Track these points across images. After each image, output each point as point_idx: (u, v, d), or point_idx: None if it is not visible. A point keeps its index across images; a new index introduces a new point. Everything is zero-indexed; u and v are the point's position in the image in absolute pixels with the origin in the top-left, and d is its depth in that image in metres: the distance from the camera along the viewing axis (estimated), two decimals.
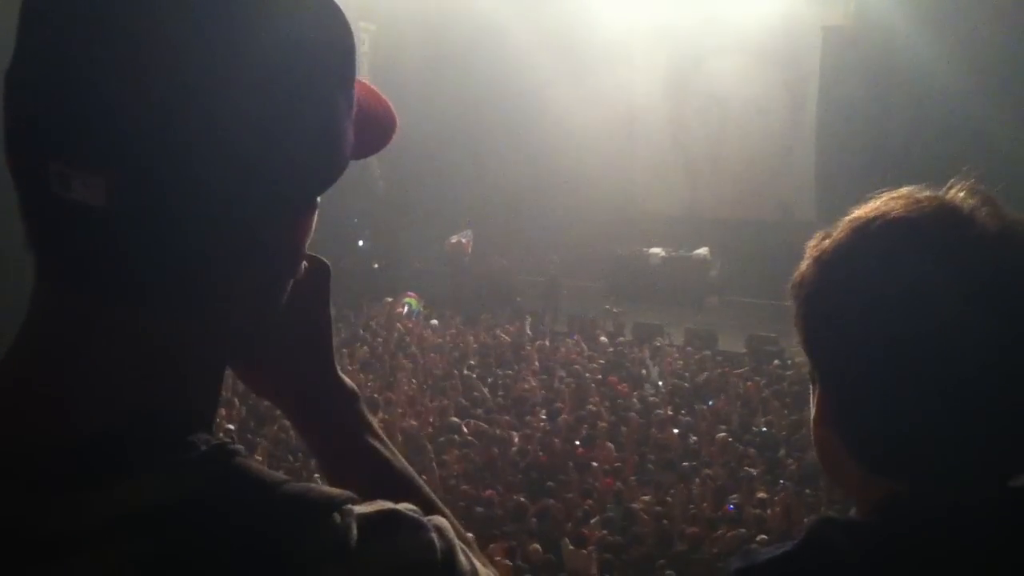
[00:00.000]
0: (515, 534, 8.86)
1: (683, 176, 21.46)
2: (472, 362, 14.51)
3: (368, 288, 18.40)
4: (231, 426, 10.95)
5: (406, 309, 17.48)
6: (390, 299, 17.89)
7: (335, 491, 0.81)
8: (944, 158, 13.87)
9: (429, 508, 1.08)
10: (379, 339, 15.57)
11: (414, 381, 13.48)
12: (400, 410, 11.91)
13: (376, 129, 0.93)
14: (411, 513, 0.85)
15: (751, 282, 18.28)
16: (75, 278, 0.77)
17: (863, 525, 1.08)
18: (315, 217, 0.88)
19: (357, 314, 16.98)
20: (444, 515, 1.10)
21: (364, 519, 0.80)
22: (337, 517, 0.79)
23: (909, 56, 17.78)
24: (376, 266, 20.18)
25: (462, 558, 0.87)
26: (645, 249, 19.77)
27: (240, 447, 0.81)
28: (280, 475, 0.80)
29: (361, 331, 15.96)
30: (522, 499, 9.56)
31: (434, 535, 0.84)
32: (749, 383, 13.47)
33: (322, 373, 1.07)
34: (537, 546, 8.61)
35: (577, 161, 20.21)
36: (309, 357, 1.05)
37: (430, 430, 11.43)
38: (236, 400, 11.91)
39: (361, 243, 20.35)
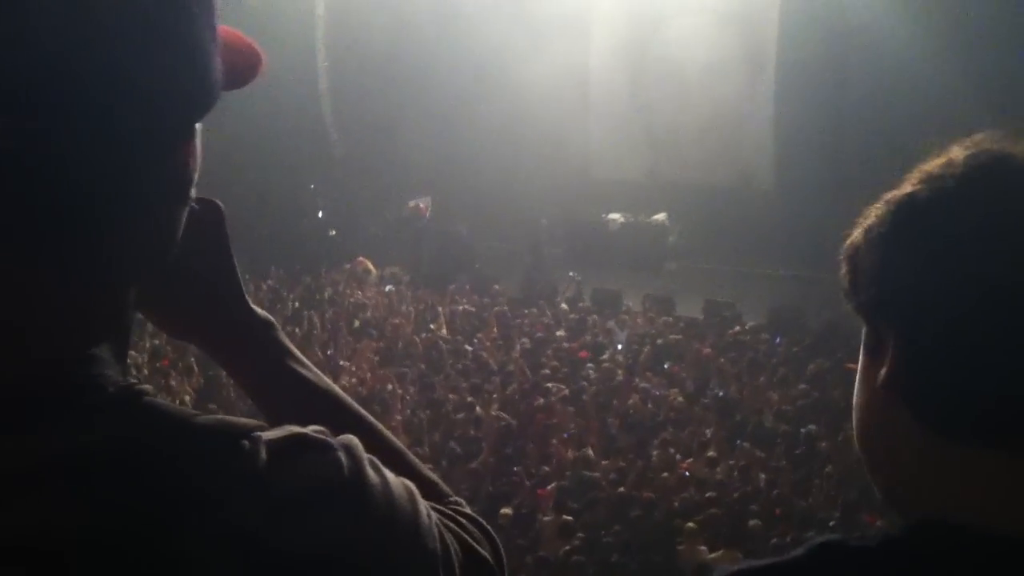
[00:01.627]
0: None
1: (642, 141, 21.42)
2: (434, 328, 14.46)
3: (325, 254, 18.26)
4: (188, 397, 10.86)
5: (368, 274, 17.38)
6: (347, 265, 17.77)
7: (243, 420, 0.84)
8: (902, 122, 13.96)
9: (359, 423, 1.14)
10: (331, 308, 15.47)
11: (378, 350, 13.43)
12: (355, 379, 11.87)
13: (241, 61, 0.94)
14: (317, 435, 0.87)
15: (709, 248, 18.37)
16: None
17: (869, 552, 0.99)
18: (199, 145, 0.89)
19: (315, 280, 16.83)
20: (377, 431, 1.15)
21: (272, 444, 0.83)
22: (246, 444, 0.81)
23: (869, 19, 17.82)
24: (333, 232, 20.02)
25: (371, 473, 0.88)
26: (604, 215, 19.76)
27: (148, 387, 0.83)
28: (189, 410, 0.83)
29: (317, 296, 15.85)
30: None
31: (341, 454, 0.87)
32: (707, 349, 13.55)
33: (232, 307, 1.12)
34: (507, 511, 8.66)
35: (534, 127, 20.10)
36: (216, 293, 1.11)
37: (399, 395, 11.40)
38: (195, 367, 11.81)
39: (321, 214, 20.18)
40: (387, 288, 16.94)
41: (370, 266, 17.75)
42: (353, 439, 0.91)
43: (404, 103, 20.46)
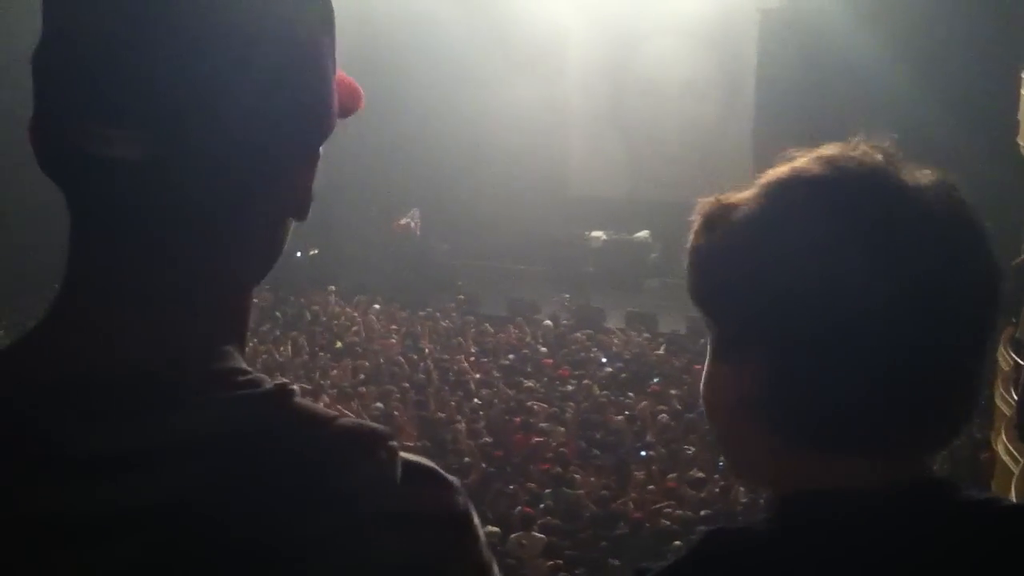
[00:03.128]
0: None
1: (622, 159, 21.51)
2: (423, 347, 14.44)
3: (307, 275, 18.20)
4: None
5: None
6: (333, 287, 17.69)
7: (381, 427, 0.87)
8: (880, 140, 14.06)
9: None
10: (317, 328, 15.44)
11: (362, 371, 13.39)
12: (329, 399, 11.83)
13: (346, 92, 1.00)
14: (450, 477, 0.90)
15: None
16: (116, 226, 0.85)
17: (757, 531, 1.02)
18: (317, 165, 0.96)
19: (299, 302, 16.80)
20: None
21: (406, 464, 0.87)
22: (384, 453, 0.85)
23: (846, 39, 18.00)
24: (314, 252, 19.90)
25: (478, 523, 0.92)
26: (586, 232, 19.80)
27: (297, 387, 0.87)
28: (334, 411, 0.87)
29: (307, 317, 15.82)
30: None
31: (462, 497, 0.90)
32: (695, 365, 13.57)
33: None
34: (493, 528, 8.63)
35: (515, 145, 20.16)
36: None
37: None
38: None
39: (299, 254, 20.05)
40: (375, 307, 16.90)
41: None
42: None
43: (384, 121, 20.46)
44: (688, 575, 1.02)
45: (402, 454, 0.87)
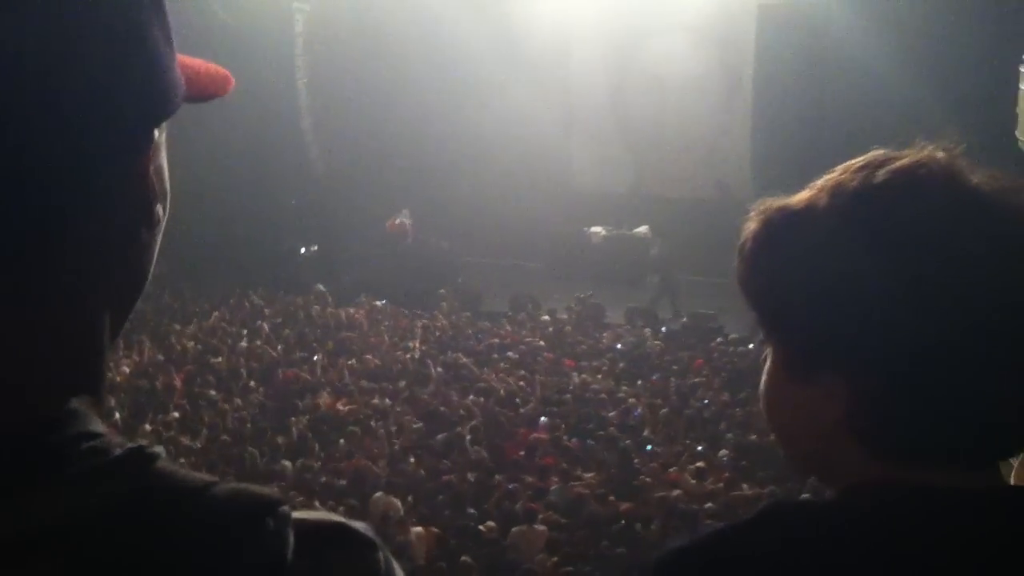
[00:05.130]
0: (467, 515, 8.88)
1: (623, 155, 21.50)
2: (417, 345, 14.44)
3: (303, 274, 18.22)
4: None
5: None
6: (321, 286, 17.61)
7: (266, 492, 0.75)
8: (878, 134, 14.05)
9: None
10: (313, 326, 15.44)
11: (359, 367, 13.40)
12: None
13: (203, 75, 0.87)
14: (362, 529, 0.78)
15: (691, 260, 18.42)
16: None
17: (822, 506, 1.04)
18: (163, 166, 0.82)
19: (295, 300, 16.79)
20: None
21: (303, 527, 0.74)
22: (271, 523, 0.72)
23: (844, 34, 17.99)
24: (303, 251, 19.88)
25: None
26: (586, 228, 19.81)
27: (159, 449, 0.74)
28: (205, 477, 0.74)
29: (301, 315, 15.82)
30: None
31: (382, 555, 0.78)
32: (698, 360, 13.60)
33: None
34: (492, 523, 8.64)
35: (516, 142, 20.15)
36: None
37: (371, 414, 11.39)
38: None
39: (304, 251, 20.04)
40: (377, 303, 16.89)
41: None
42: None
43: (385, 119, 20.46)
44: (747, 537, 1.02)
45: (298, 515, 0.75)
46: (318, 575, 0.73)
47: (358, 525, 0.79)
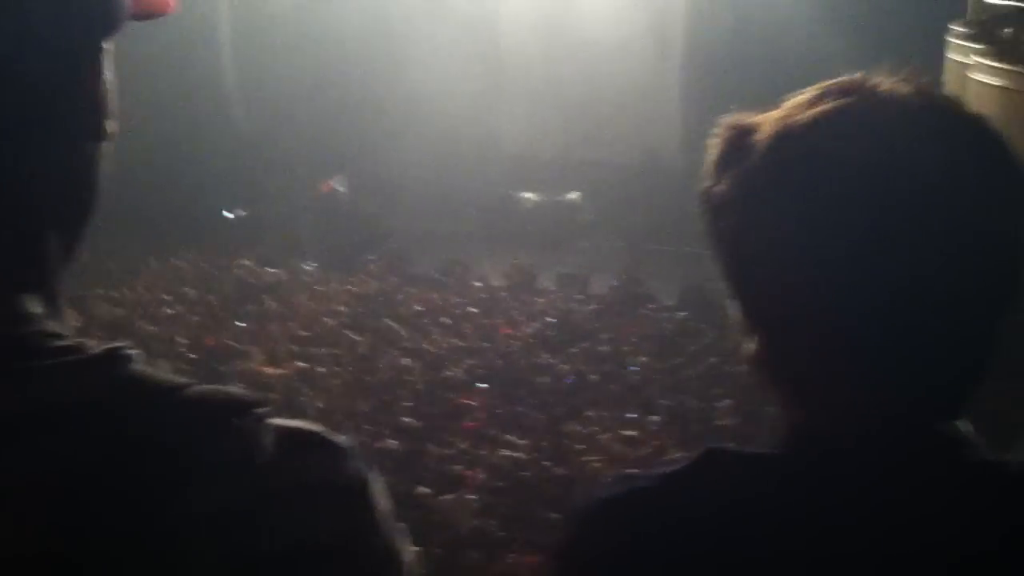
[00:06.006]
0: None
1: (553, 118, 21.46)
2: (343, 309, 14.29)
3: (231, 237, 17.87)
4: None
5: None
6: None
7: (243, 394, 0.76)
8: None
9: None
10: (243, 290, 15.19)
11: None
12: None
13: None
14: (337, 439, 0.79)
15: (621, 226, 18.51)
16: None
17: (757, 455, 1.03)
18: (111, 78, 0.81)
19: (222, 263, 16.49)
20: None
21: (281, 431, 0.76)
22: (249, 422, 0.74)
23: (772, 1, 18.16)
24: (230, 215, 19.45)
25: (378, 492, 0.81)
26: (516, 193, 19.79)
27: (135, 351, 0.75)
28: (182, 378, 0.75)
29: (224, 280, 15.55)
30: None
31: (357, 463, 0.79)
32: (623, 326, 13.67)
33: None
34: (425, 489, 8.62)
35: (446, 106, 19.98)
36: None
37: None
38: None
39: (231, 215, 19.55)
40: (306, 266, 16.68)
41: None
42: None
43: (313, 78, 20.13)
44: (679, 484, 1.01)
45: (276, 421, 0.76)
46: (293, 476, 0.74)
47: (338, 436, 0.80)
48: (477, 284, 15.82)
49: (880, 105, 1.01)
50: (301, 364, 11.76)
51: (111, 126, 0.82)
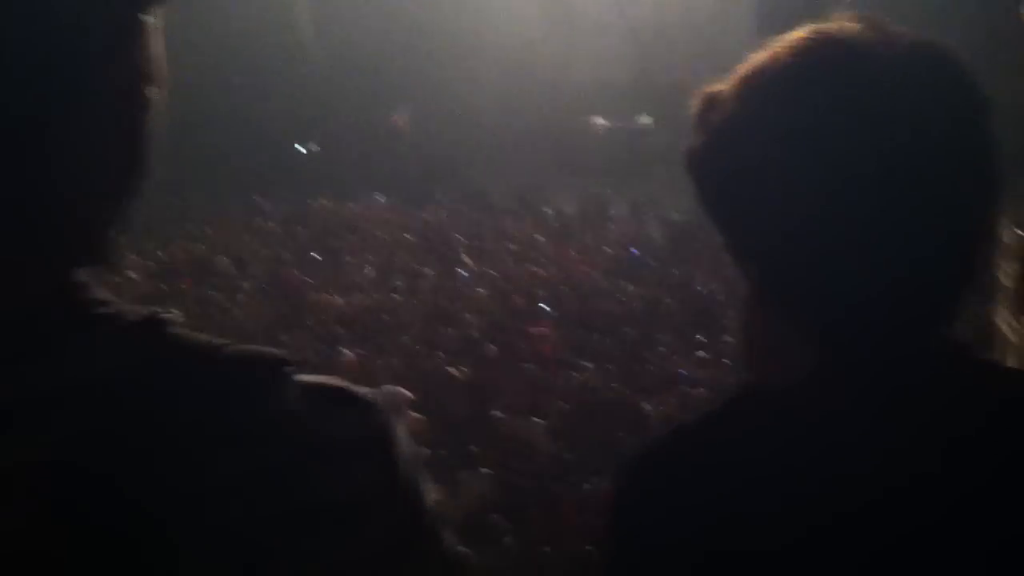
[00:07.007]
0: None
1: (624, 43, 21.10)
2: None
3: (306, 173, 18.08)
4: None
5: None
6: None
7: (271, 351, 0.79)
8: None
9: None
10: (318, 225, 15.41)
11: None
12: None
13: None
14: (363, 391, 0.81)
15: None
16: None
17: (786, 388, 1.04)
18: (156, 42, 0.81)
19: (299, 199, 16.73)
20: None
21: (309, 387, 0.78)
22: (282, 379, 0.76)
23: None
24: (310, 149, 19.66)
25: (406, 450, 0.82)
26: (588, 118, 19.57)
27: (174, 315, 0.78)
28: (218, 340, 0.78)
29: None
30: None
31: (384, 416, 0.80)
32: (696, 252, 13.54)
33: None
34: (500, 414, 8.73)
35: (514, 28, 19.78)
36: None
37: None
38: None
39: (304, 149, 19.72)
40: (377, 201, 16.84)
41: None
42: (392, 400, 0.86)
43: (381, 13, 20.08)
44: (708, 428, 1.06)
45: (304, 377, 0.78)
46: (322, 431, 0.76)
47: (365, 390, 0.81)
48: (548, 211, 15.79)
49: (837, 38, 1.05)
50: (377, 296, 11.95)
51: (155, 93, 0.81)
